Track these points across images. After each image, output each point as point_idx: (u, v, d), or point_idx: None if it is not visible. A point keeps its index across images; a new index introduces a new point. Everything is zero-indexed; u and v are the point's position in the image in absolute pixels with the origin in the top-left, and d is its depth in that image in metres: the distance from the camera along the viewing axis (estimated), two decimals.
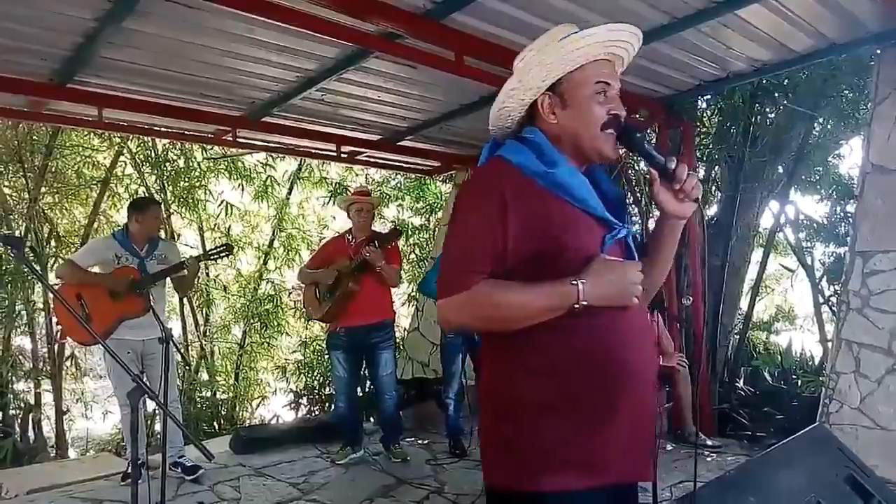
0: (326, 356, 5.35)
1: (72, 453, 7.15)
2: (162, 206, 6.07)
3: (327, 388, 7.13)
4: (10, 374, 6.36)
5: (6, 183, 6.48)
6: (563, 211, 1.27)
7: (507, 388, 1.31)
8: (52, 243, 6.85)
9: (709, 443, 4.43)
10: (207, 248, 6.68)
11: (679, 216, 1.34)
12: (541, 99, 1.36)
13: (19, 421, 6.53)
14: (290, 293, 8.36)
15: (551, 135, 1.35)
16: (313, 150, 5.81)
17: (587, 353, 1.26)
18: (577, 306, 1.20)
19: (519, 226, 1.24)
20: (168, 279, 3.94)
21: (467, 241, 1.30)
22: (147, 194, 7.00)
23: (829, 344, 4.71)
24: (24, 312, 6.54)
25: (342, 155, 5.68)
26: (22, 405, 6.58)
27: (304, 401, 7.29)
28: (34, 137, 6.36)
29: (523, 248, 1.25)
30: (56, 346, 6.74)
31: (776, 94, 5.48)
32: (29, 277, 6.03)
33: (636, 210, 5.92)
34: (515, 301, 1.23)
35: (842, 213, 6.13)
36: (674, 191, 1.29)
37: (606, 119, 1.31)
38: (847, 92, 5.54)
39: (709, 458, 4.20)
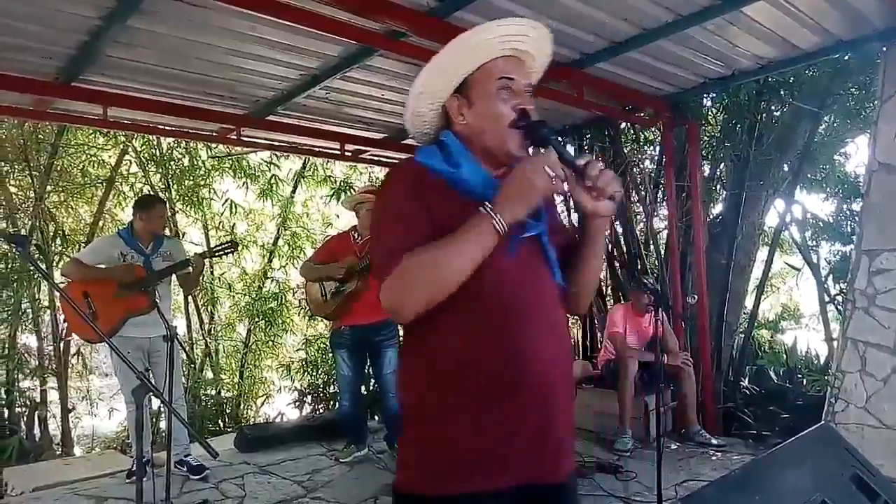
0: (330, 354, 5.36)
1: (77, 451, 7.16)
2: (167, 204, 6.08)
3: (331, 387, 7.15)
4: (15, 372, 6.39)
5: (12, 181, 6.50)
6: (470, 210, 1.24)
7: (411, 391, 1.32)
8: (58, 241, 6.86)
9: (714, 441, 4.43)
10: (212, 246, 6.69)
11: (597, 214, 1.27)
12: (448, 101, 1.36)
13: (25, 419, 6.54)
14: (294, 291, 8.37)
15: (462, 136, 1.36)
16: (317, 149, 5.82)
17: (488, 350, 1.23)
18: (497, 227, 1.18)
19: (427, 224, 1.24)
20: (174, 277, 3.96)
21: (386, 237, 1.30)
22: (152, 192, 7.02)
23: (835, 343, 4.69)
24: (29, 310, 6.55)
25: (346, 153, 5.68)
26: (27, 403, 6.59)
27: (308, 399, 7.31)
28: (39, 136, 6.38)
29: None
30: (62, 344, 6.76)
31: (782, 92, 5.45)
32: (34, 275, 6.06)
33: (641, 209, 5.90)
34: (436, 253, 1.19)
35: (848, 212, 6.08)
36: (588, 189, 1.23)
37: (514, 115, 1.29)
38: (853, 90, 5.50)
39: (713, 457, 4.20)
